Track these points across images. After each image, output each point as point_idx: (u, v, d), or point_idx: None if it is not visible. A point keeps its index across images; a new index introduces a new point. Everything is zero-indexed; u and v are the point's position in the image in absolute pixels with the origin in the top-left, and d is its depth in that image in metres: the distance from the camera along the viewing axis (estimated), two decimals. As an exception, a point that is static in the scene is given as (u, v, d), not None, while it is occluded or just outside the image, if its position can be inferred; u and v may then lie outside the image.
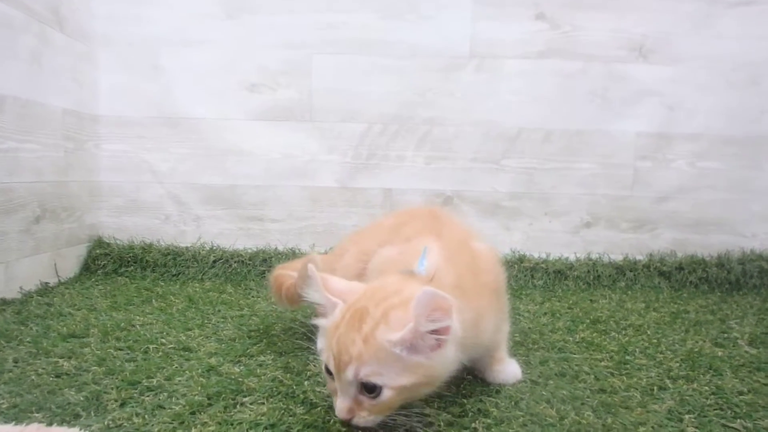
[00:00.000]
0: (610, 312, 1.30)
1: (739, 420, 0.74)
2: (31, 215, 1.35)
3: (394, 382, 0.61)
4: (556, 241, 1.66)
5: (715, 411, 0.77)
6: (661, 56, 1.60)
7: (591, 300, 1.42)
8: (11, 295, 1.27)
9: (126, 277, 1.54)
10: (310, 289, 0.71)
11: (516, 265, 1.60)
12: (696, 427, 0.71)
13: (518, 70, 1.60)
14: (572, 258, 1.64)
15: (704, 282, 1.58)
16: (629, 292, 1.52)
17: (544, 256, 1.64)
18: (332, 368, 0.64)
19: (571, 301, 1.40)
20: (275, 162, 1.64)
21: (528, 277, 1.59)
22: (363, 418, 0.64)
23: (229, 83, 1.62)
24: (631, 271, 1.61)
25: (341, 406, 0.64)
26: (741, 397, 0.82)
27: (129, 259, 1.59)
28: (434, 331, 0.61)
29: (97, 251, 1.60)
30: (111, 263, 1.58)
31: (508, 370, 0.86)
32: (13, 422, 0.66)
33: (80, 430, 0.63)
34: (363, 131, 1.63)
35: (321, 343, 0.97)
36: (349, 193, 1.65)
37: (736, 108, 1.61)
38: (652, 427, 0.71)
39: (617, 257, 1.64)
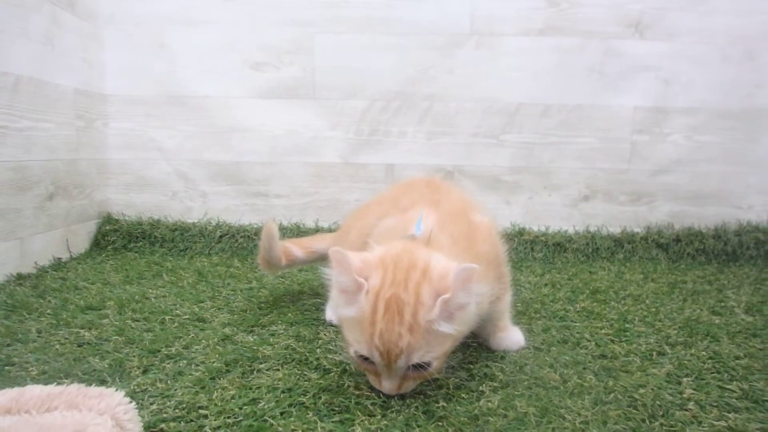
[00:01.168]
0: (609, 283, 1.34)
1: (735, 382, 0.77)
2: (45, 192, 1.40)
3: (439, 352, 0.67)
4: (556, 215, 1.70)
5: (713, 374, 0.80)
6: (657, 32, 1.62)
7: (590, 271, 1.46)
8: (27, 269, 1.32)
9: (135, 252, 1.58)
10: (335, 271, 0.67)
11: (516, 238, 1.64)
12: (694, 389, 0.74)
13: (517, 46, 1.63)
14: (571, 231, 1.68)
15: (701, 253, 1.62)
16: (627, 264, 1.55)
17: (543, 229, 1.68)
18: (378, 360, 0.65)
19: (570, 273, 1.44)
20: (279, 139, 1.68)
21: (528, 249, 1.63)
22: (408, 387, 0.69)
23: (234, 62, 1.65)
24: (629, 243, 1.64)
25: (391, 386, 0.67)
26: (737, 361, 0.85)
27: (138, 234, 1.63)
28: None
29: (107, 227, 1.64)
30: (120, 239, 1.63)
31: (511, 337, 0.89)
32: (59, 378, 0.70)
33: (116, 390, 0.67)
34: (365, 108, 1.67)
35: (330, 313, 1.02)
36: (351, 169, 1.69)
37: (731, 82, 1.64)
38: (652, 389, 0.74)
39: (615, 230, 1.68)
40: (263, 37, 1.64)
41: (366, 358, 0.67)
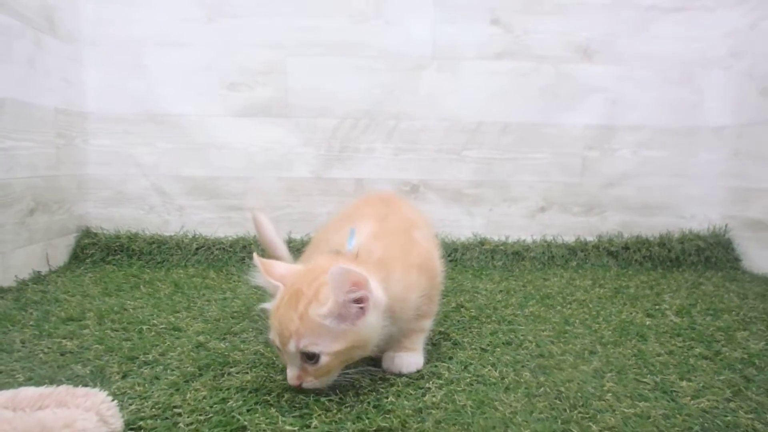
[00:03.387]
0: (559, 288, 1.42)
1: (650, 376, 0.85)
2: (26, 208, 1.44)
3: (329, 349, 0.71)
4: (514, 225, 1.80)
5: (634, 369, 0.88)
6: (605, 56, 1.75)
7: (544, 279, 1.54)
8: (7, 283, 1.36)
9: (113, 265, 1.63)
10: (255, 275, 0.79)
11: (477, 248, 1.73)
12: (614, 383, 0.82)
13: (476, 69, 1.74)
14: (529, 240, 1.79)
15: (648, 260, 1.72)
16: (579, 271, 1.64)
17: (503, 238, 1.78)
18: (278, 344, 0.74)
19: (526, 280, 1.52)
20: (254, 155, 1.75)
21: (489, 258, 1.72)
22: (311, 382, 0.74)
23: (210, 82, 1.72)
24: (582, 251, 1.75)
25: (291, 374, 0.74)
26: (658, 357, 0.93)
27: (116, 248, 1.68)
28: (357, 301, 0.71)
29: (86, 241, 1.69)
30: (99, 252, 1.67)
31: (401, 360, 0.86)
32: (45, 384, 0.74)
33: (100, 390, 0.70)
34: (336, 126, 1.75)
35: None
36: (323, 183, 1.77)
37: (672, 102, 1.77)
38: (577, 383, 0.81)
39: (570, 239, 1.79)
40: (238, 58, 1.72)
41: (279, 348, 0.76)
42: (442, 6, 1.72)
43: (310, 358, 0.72)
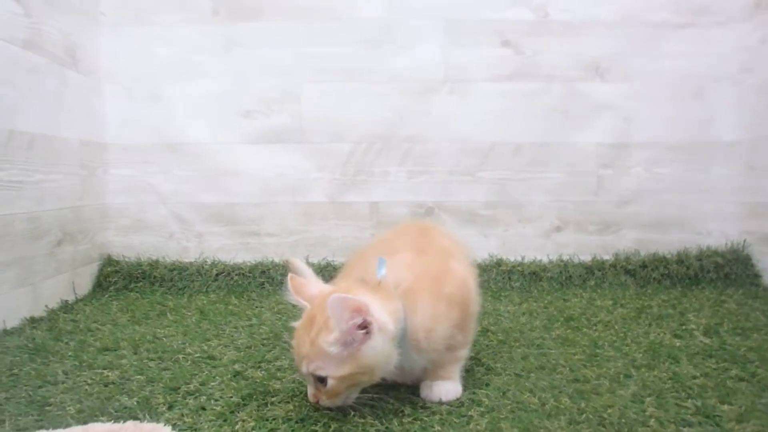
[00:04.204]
0: (581, 309, 1.45)
1: (690, 400, 0.87)
2: (54, 239, 1.56)
3: (335, 373, 0.78)
4: (530, 245, 1.87)
5: (672, 393, 0.90)
6: (615, 75, 1.83)
7: (564, 299, 1.58)
8: (39, 313, 1.46)
9: (136, 292, 1.73)
10: (286, 292, 0.87)
11: (494, 269, 1.80)
12: (655, 408, 0.84)
13: (488, 91, 1.83)
14: (545, 260, 1.85)
15: (666, 278, 1.76)
16: (598, 290, 1.68)
17: (519, 259, 1.85)
18: (296, 362, 0.83)
19: (546, 301, 1.56)
20: (270, 181, 1.86)
21: (506, 279, 1.78)
22: (325, 402, 0.82)
23: (226, 110, 1.84)
24: (599, 270, 1.79)
25: (309, 392, 0.83)
26: (694, 380, 0.95)
27: (138, 275, 1.79)
28: (362, 327, 0.77)
29: (108, 269, 1.80)
30: (121, 279, 1.77)
31: (439, 389, 0.90)
32: (111, 421, 0.82)
33: (165, 425, 0.76)
34: (350, 150, 1.86)
35: None
36: (338, 208, 1.87)
37: (684, 118, 1.84)
38: (619, 409, 0.83)
39: (586, 258, 1.85)
40: (253, 87, 1.84)
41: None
42: (452, 30, 1.82)
43: (320, 380, 0.80)
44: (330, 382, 0.79)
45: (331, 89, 1.83)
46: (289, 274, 0.88)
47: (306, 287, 0.87)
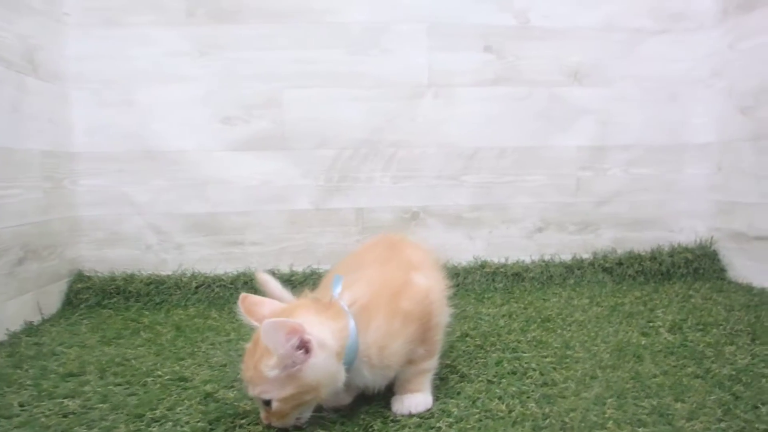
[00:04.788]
0: (558, 309, 1.38)
1: (648, 399, 0.83)
2: (15, 258, 1.30)
3: (278, 395, 0.72)
4: (514, 246, 1.74)
5: (632, 393, 0.86)
6: (594, 79, 1.71)
7: (544, 299, 1.49)
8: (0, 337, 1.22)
9: (110, 308, 1.49)
10: (239, 312, 0.79)
11: (479, 271, 1.67)
12: (615, 409, 0.80)
13: (472, 96, 1.68)
14: (528, 261, 1.73)
15: (641, 274, 1.69)
16: (577, 289, 1.60)
17: (503, 260, 1.72)
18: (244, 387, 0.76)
19: (527, 302, 1.47)
20: (253, 188, 1.64)
21: (490, 281, 1.66)
22: (276, 423, 0.76)
23: (205, 116, 1.61)
24: (578, 269, 1.70)
25: (261, 414, 0.76)
26: (654, 379, 0.91)
27: (111, 290, 1.54)
28: (302, 347, 0.70)
29: (79, 285, 1.54)
30: (93, 296, 1.53)
31: (409, 401, 0.83)
32: None
33: None
34: (334, 156, 1.66)
35: None
36: (323, 214, 1.67)
37: (660, 120, 1.75)
38: (581, 412, 0.79)
39: (567, 257, 1.74)
40: (234, 92, 1.61)
41: None
42: (435, 34, 1.65)
43: (266, 403, 0.74)
44: (275, 405, 0.73)
45: (314, 94, 1.63)
46: (242, 294, 0.80)
47: (258, 307, 0.80)
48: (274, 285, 1.03)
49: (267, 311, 0.78)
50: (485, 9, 1.66)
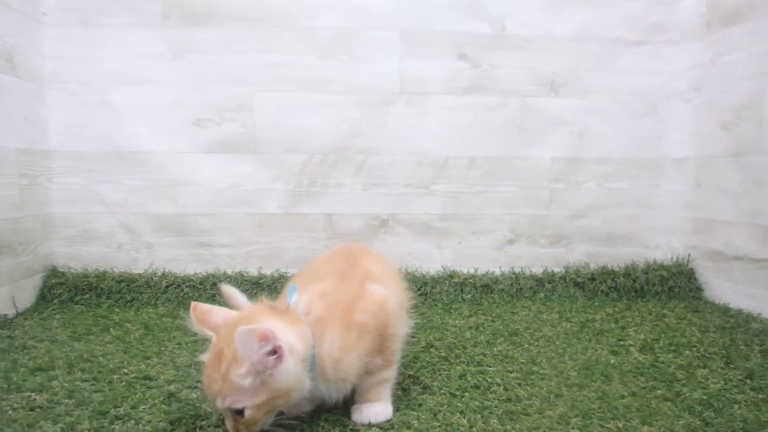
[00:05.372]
0: (527, 323, 1.37)
1: (614, 421, 0.82)
2: (-14, 253, 1.35)
3: (251, 403, 0.72)
4: (483, 257, 1.73)
5: (598, 414, 0.85)
6: (570, 90, 1.69)
7: (512, 312, 1.49)
8: (-30, 330, 1.27)
9: (82, 305, 1.53)
10: (190, 322, 0.78)
11: (447, 281, 1.67)
12: (579, 429, 0.79)
13: (444, 104, 1.67)
14: (498, 272, 1.72)
15: (614, 290, 1.67)
16: (547, 303, 1.59)
17: (472, 271, 1.72)
18: (209, 399, 0.75)
19: (494, 314, 1.46)
20: (222, 191, 1.67)
21: (458, 291, 1.65)
22: (247, 429, 0.75)
23: (177, 118, 1.63)
24: (549, 282, 1.69)
25: (228, 425, 0.75)
26: (621, 400, 0.90)
27: (84, 287, 1.59)
28: (273, 353, 0.71)
29: (53, 281, 1.59)
30: (66, 292, 1.57)
31: (376, 408, 0.84)
32: None
33: None
34: (304, 161, 1.67)
35: None
36: (292, 219, 1.69)
37: (636, 134, 1.72)
38: (544, 431, 0.79)
39: (538, 270, 1.73)
40: (205, 95, 1.63)
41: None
42: (408, 41, 1.64)
43: (238, 412, 0.73)
44: (248, 413, 0.72)
45: (286, 99, 1.64)
46: (192, 304, 0.79)
47: (210, 316, 0.79)
48: (238, 297, 1.06)
49: (219, 320, 0.78)
50: (460, 16, 1.64)
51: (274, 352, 0.70)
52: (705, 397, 0.91)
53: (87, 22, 1.60)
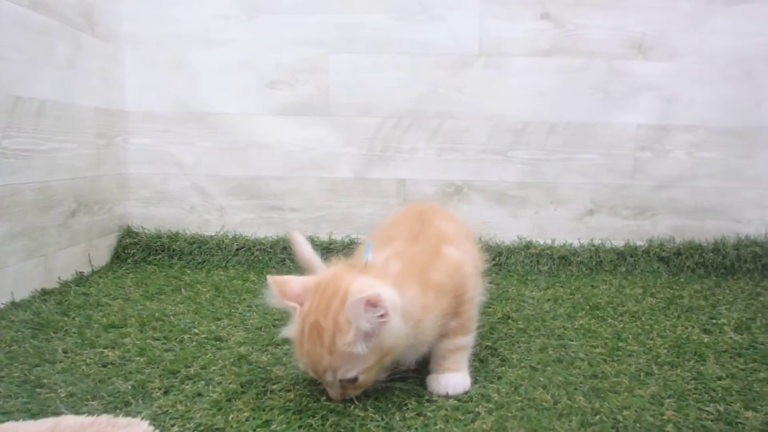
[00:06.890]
0: (609, 298, 1.31)
1: (713, 404, 0.76)
2: (68, 210, 1.38)
3: (363, 367, 0.71)
4: (561, 228, 1.68)
5: (694, 395, 0.79)
6: (660, 52, 1.60)
7: (592, 285, 1.43)
8: (50, 285, 1.30)
9: (154, 265, 1.56)
10: (270, 296, 0.75)
11: (522, 252, 1.62)
12: (675, 411, 0.74)
13: (524, 66, 1.62)
14: (576, 244, 1.66)
15: (701, 267, 1.59)
16: (629, 277, 1.52)
17: (549, 242, 1.66)
18: (313, 375, 0.74)
19: (573, 287, 1.41)
20: (295, 154, 1.66)
21: (534, 263, 1.61)
22: (353, 393, 0.74)
23: (250, 80, 1.63)
24: (631, 256, 1.62)
25: (335, 394, 0.74)
26: (719, 382, 0.84)
27: (157, 247, 1.61)
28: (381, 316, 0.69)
29: (127, 240, 1.62)
30: (140, 252, 1.60)
31: (452, 379, 0.80)
32: (85, 414, 0.70)
33: (141, 420, 0.67)
34: (378, 125, 1.65)
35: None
36: (364, 184, 1.67)
37: (730, 100, 1.62)
38: (635, 411, 0.73)
39: (619, 243, 1.66)
40: (279, 56, 1.63)
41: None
42: (488, 0, 1.60)
43: (351, 381, 0.72)
44: (362, 378, 0.72)
45: (360, 60, 1.62)
46: (269, 278, 0.75)
47: (288, 287, 0.75)
48: (305, 245, 1.04)
49: (298, 288, 0.75)
50: (544, -27, 1.59)
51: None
52: (814, 383, 0.83)
53: (164, -18, 1.61)
